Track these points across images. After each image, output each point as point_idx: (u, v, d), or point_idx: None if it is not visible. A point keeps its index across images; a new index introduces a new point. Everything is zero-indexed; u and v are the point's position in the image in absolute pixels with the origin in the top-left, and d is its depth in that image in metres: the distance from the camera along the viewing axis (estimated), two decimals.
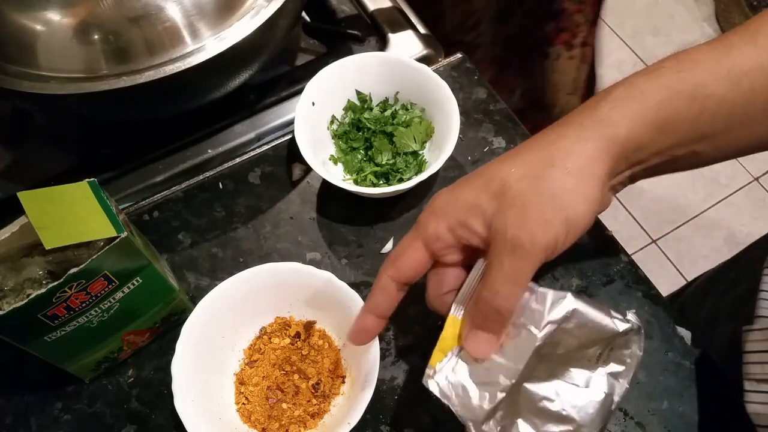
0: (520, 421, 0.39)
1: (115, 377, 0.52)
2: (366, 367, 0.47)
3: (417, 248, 0.40)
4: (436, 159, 0.55)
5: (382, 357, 0.52)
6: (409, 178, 0.57)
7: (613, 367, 0.40)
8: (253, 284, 0.51)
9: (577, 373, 0.40)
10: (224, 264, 0.57)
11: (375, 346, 0.47)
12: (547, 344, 0.39)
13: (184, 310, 0.53)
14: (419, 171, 0.58)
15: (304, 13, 0.71)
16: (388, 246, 0.57)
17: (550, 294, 0.39)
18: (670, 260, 1.57)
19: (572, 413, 0.39)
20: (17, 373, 0.52)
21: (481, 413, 0.38)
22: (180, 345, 0.48)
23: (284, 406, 0.49)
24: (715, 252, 1.57)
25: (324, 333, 0.52)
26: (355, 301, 0.49)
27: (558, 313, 0.38)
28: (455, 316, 0.40)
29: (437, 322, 0.54)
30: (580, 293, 0.54)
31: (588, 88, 1.05)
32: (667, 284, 0.72)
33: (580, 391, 0.39)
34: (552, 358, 0.40)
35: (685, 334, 0.53)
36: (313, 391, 0.50)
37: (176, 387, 0.46)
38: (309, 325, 0.52)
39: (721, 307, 0.62)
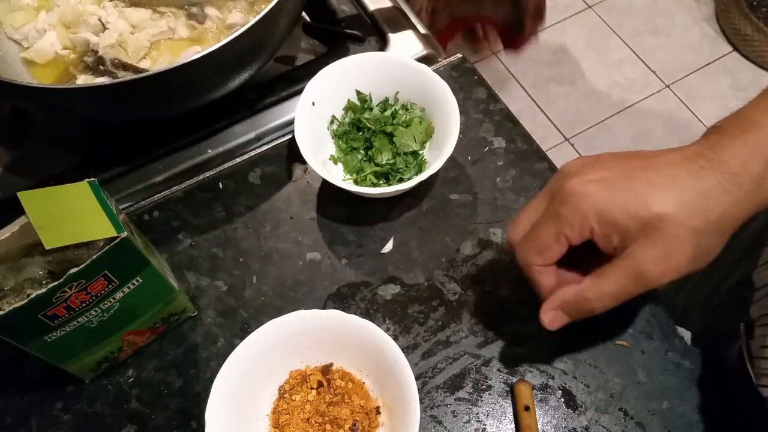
0: None
1: (115, 377, 0.52)
2: (403, 394, 0.45)
3: (561, 243, 0.43)
4: (436, 159, 0.55)
5: None
6: (409, 178, 0.57)
7: None
8: (260, 346, 0.48)
9: None
10: (224, 264, 0.57)
11: (407, 372, 0.46)
12: None
13: (183, 310, 0.53)
14: (419, 171, 0.58)
15: (304, 13, 0.71)
16: (388, 246, 0.57)
17: None
18: None
19: None
20: (17, 373, 0.52)
21: None
22: (208, 427, 0.45)
23: None
24: None
25: (344, 372, 0.50)
26: (367, 326, 0.47)
27: None
28: None
29: (438, 323, 0.54)
30: None
31: None
32: (666, 284, 0.73)
33: None
34: None
35: (686, 334, 0.53)
36: None
37: None
38: (326, 370, 0.50)
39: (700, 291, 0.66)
